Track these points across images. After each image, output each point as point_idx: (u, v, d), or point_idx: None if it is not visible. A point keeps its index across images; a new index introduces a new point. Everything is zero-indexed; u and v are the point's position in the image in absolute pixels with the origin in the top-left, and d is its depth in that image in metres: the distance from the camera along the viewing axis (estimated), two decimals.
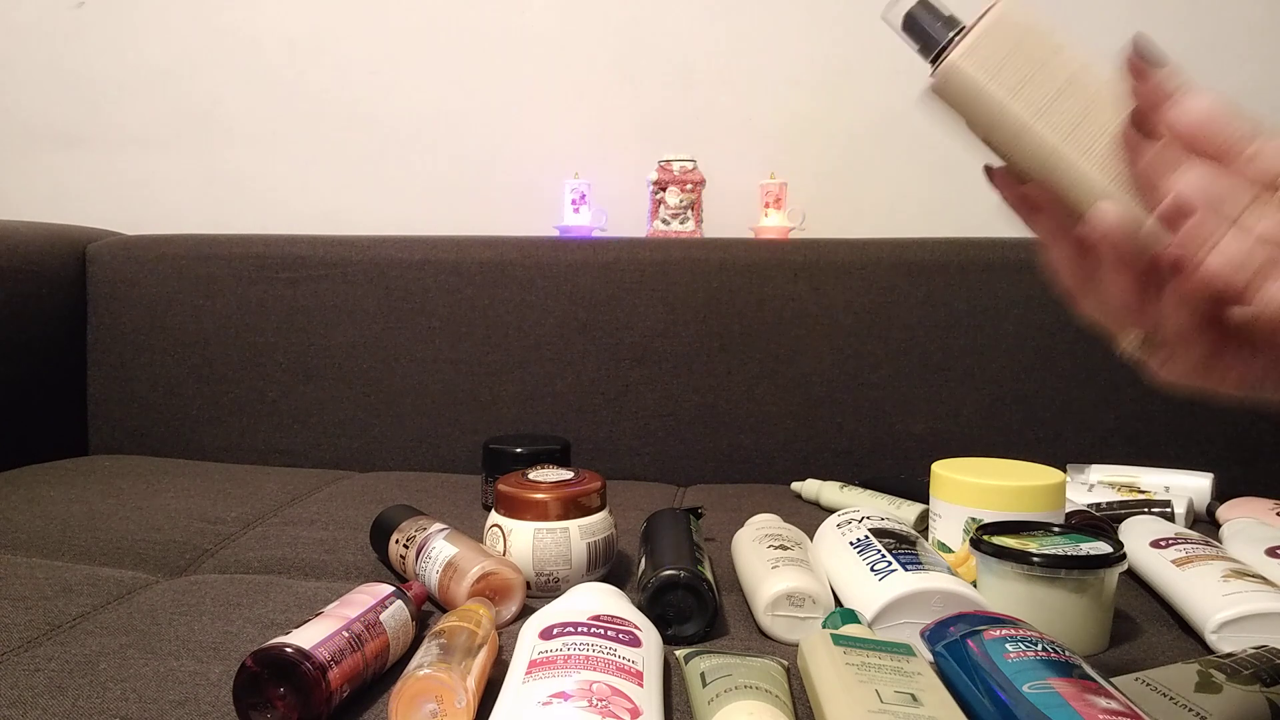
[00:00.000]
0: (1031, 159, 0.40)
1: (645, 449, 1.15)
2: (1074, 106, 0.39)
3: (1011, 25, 0.40)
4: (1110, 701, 0.41)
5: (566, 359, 1.15)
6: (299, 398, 1.19)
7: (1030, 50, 0.40)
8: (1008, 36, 0.40)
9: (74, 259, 1.24)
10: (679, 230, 1.27)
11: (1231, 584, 0.61)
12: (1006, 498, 0.68)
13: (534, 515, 0.67)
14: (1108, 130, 0.39)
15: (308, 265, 1.20)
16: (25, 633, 0.59)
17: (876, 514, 0.72)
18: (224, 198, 1.50)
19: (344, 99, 1.46)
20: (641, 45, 1.40)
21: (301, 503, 0.94)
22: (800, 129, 1.38)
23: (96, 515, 0.86)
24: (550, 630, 0.50)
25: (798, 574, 0.61)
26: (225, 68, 1.48)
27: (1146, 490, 0.94)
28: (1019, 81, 0.40)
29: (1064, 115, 0.39)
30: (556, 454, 0.92)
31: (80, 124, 1.52)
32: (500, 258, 1.17)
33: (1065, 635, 0.55)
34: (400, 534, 0.72)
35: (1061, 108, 0.39)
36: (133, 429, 1.22)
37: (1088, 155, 0.39)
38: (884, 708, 0.43)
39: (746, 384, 1.13)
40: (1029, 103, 0.40)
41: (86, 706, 0.49)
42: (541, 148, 1.43)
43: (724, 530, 0.79)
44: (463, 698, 0.46)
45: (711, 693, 0.46)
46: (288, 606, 0.65)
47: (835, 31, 1.37)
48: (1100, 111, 0.39)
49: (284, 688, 0.46)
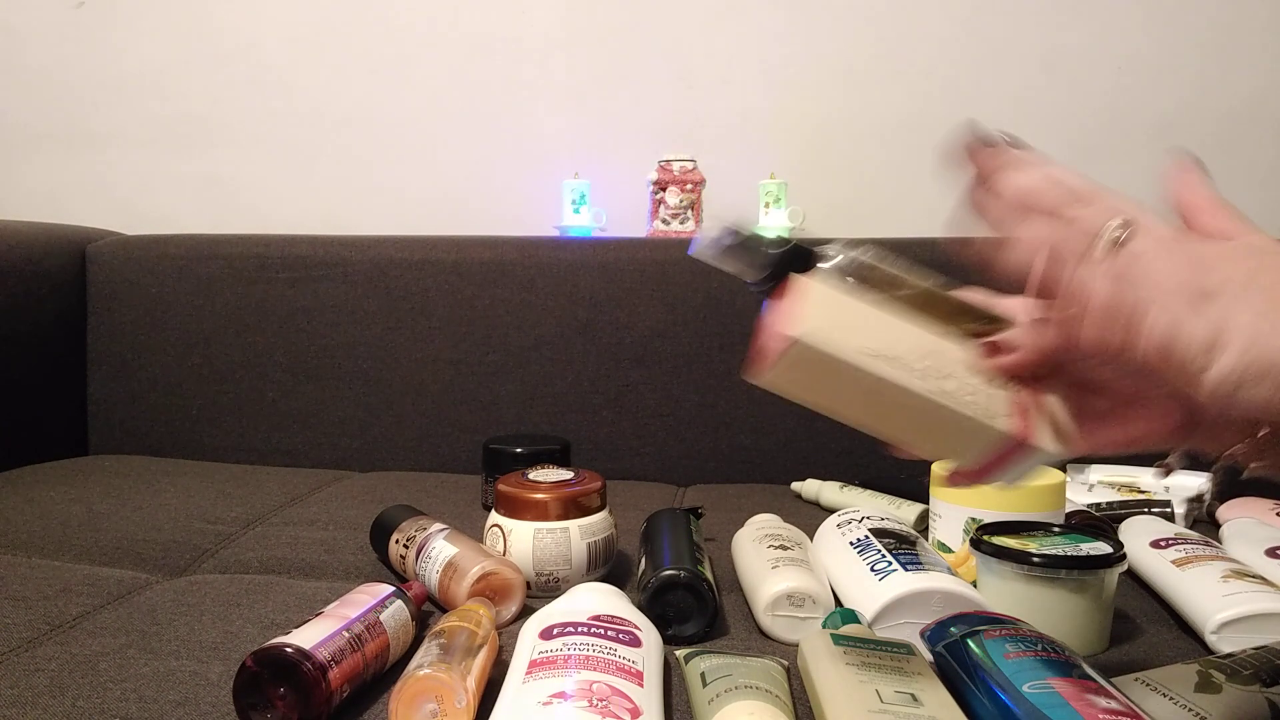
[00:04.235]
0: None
1: (645, 449, 1.15)
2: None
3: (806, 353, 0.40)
4: (1110, 701, 0.41)
5: (566, 359, 1.15)
6: (299, 398, 1.19)
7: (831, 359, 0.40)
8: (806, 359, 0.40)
9: (74, 259, 1.24)
10: (679, 230, 1.27)
11: (1231, 584, 0.61)
12: (1006, 498, 0.68)
13: (534, 515, 0.67)
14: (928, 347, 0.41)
15: (308, 265, 1.20)
16: (25, 633, 0.59)
17: (876, 514, 0.72)
18: (224, 198, 1.50)
19: (343, 99, 1.46)
20: (641, 45, 1.40)
21: (301, 503, 0.94)
22: (800, 129, 1.38)
23: (96, 515, 0.86)
24: (550, 630, 0.50)
25: (798, 574, 0.61)
26: (224, 68, 1.48)
27: (1146, 490, 0.94)
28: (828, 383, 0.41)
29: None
30: (556, 454, 0.92)
31: (80, 124, 1.52)
32: (500, 258, 1.17)
33: (1065, 635, 0.55)
34: (400, 534, 0.72)
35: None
36: (133, 429, 1.22)
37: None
38: (884, 708, 0.43)
39: (746, 384, 1.13)
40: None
41: (86, 706, 0.49)
42: (541, 148, 1.43)
43: (724, 530, 0.79)
44: (463, 698, 0.46)
45: (711, 693, 0.46)
46: (288, 606, 0.64)
47: (835, 32, 1.37)
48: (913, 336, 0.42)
49: (284, 688, 0.46)
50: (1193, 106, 1.32)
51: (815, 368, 0.40)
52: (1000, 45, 1.34)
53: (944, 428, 0.40)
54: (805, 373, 0.41)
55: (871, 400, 0.41)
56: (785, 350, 0.40)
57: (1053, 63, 1.33)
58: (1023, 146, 0.41)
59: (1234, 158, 1.31)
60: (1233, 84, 1.31)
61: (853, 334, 0.40)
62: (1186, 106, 1.32)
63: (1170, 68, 1.32)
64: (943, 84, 1.36)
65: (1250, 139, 1.31)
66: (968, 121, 0.42)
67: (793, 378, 0.41)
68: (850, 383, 0.40)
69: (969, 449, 0.41)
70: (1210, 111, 1.31)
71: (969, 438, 0.40)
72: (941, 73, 1.35)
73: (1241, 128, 1.31)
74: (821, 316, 0.41)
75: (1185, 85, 1.32)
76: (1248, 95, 1.31)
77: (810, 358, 0.40)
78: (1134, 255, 0.35)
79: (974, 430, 0.40)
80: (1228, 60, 1.31)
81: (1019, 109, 1.34)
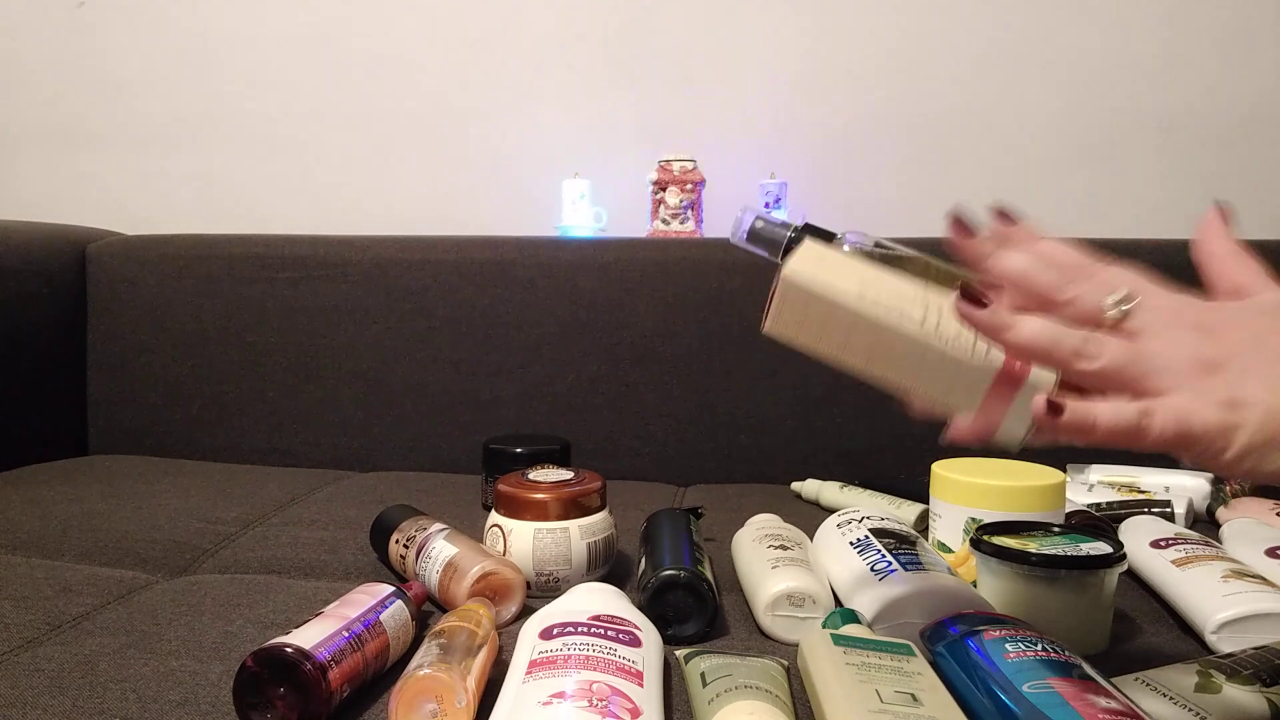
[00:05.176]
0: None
1: (645, 449, 1.15)
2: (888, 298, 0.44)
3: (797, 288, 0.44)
4: (1110, 701, 0.41)
5: (566, 359, 1.15)
6: (299, 398, 1.19)
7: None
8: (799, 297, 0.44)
9: (74, 259, 1.24)
10: (679, 230, 1.27)
11: (1231, 584, 0.61)
12: (1006, 498, 0.68)
13: (534, 515, 0.67)
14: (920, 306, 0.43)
15: (308, 265, 1.20)
16: (25, 633, 0.59)
17: (876, 514, 0.72)
18: (224, 198, 1.50)
19: (343, 99, 1.46)
20: (641, 45, 1.40)
21: (301, 503, 0.94)
22: (800, 129, 1.38)
23: (96, 515, 0.86)
24: (550, 630, 0.50)
25: (798, 574, 0.61)
26: (225, 68, 1.48)
27: (1146, 490, 0.94)
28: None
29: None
30: (556, 454, 0.92)
31: (81, 124, 1.52)
32: (500, 258, 1.17)
33: (1065, 635, 0.55)
34: (400, 534, 0.72)
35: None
36: (133, 429, 1.22)
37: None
38: (884, 708, 0.43)
39: (746, 384, 1.13)
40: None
41: (86, 706, 0.49)
42: (541, 148, 1.43)
43: (724, 530, 0.79)
44: (463, 697, 0.46)
45: (711, 693, 0.46)
46: (288, 606, 0.64)
47: (835, 32, 1.37)
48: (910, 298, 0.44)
49: (284, 688, 0.46)
50: (1198, 107, 1.32)
51: (810, 310, 0.44)
52: (1000, 45, 1.34)
53: (935, 367, 0.42)
54: (802, 315, 0.44)
55: (865, 343, 0.43)
56: (776, 290, 0.43)
57: (1056, 62, 1.33)
58: (1015, 219, 0.40)
59: (1239, 159, 1.31)
60: (1240, 85, 1.31)
61: (843, 278, 0.44)
62: (1191, 107, 1.32)
63: (1175, 69, 1.32)
64: (944, 84, 1.35)
65: (1258, 140, 1.31)
66: (954, 208, 0.41)
67: (791, 320, 0.44)
68: (843, 325, 0.43)
69: (963, 390, 0.42)
70: (1216, 113, 1.31)
71: (961, 376, 0.41)
72: (942, 72, 1.35)
73: (1247, 129, 1.31)
74: (813, 263, 0.45)
75: (1190, 86, 1.31)
76: (1255, 97, 1.30)
77: (801, 299, 0.44)
78: (1135, 332, 0.35)
79: (964, 368, 0.41)
80: (1234, 61, 1.31)
81: (1019, 109, 1.34)
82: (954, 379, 0.42)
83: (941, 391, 0.43)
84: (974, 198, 1.24)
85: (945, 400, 0.43)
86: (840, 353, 0.44)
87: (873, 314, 0.42)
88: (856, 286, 0.43)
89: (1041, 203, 1.33)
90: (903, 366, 0.43)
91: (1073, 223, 1.33)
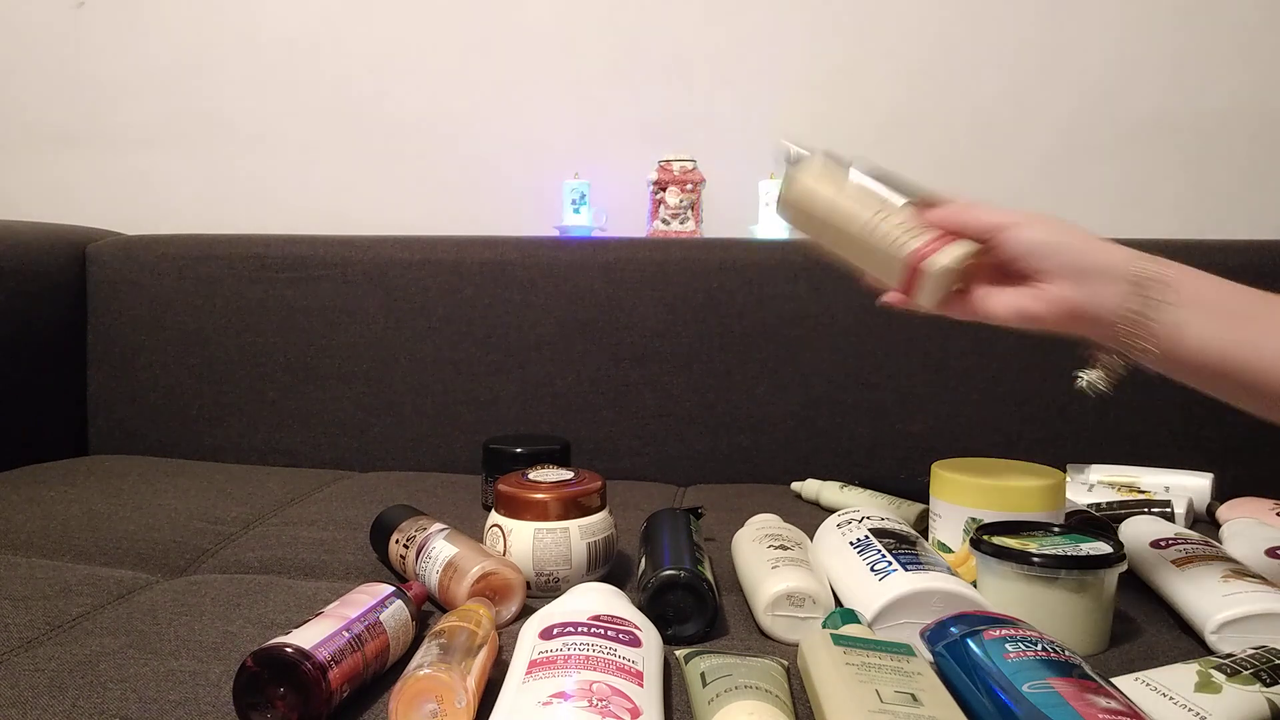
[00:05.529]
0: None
1: (645, 449, 1.15)
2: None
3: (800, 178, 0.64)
4: (1110, 701, 0.41)
5: (566, 359, 1.15)
6: (299, 398, 1.19)
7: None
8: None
9: (74, 259, 1.24)
10: (679, 230, 1.27)
11: (1231, 584, 0.61)
12: (1006, 498, 0.68)
13: (534, 515, 0.67)
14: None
15: (308, 265, 1.20)
16: (25, 633, 0.59)
17: (876, 514, 0.72)
18: (224, 198, 1.50)
19: (344, 99, 1.46)
20: (642, 45, 1.40)
21: (301, 503, 0.94)
22: (800, 129, 1.38)
23: (96, 515, 0.86)
24: (550, 630, 0.50)
25: (798, 574, 0.61)
26: (225, 67, 1.48)
27: (1146, 490, 0.94)
28: None
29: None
30: (556, 454, 0.92)
31: (80, 124, 1.52)
32: (500, 258, 1.17)
33: (1065, 635, 0.55)
34: (400, 534, 0.72)
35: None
36: (133, 429, 1.22)
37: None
38: (884, 708, 0.43)
39: (746, 384, 1.13)
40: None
41: (86, 706, 0.49)
42: (541, 148, 1.43)
43: (724, 530, 0.79)
44: (463, 697, 0.46)
45: (711, 693, 0.46)
46: (288, 606, 0.65)
47: (835, 32, 1.37)
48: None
49: (284, 688, 0.46)
50: (1180, 106, 1.32)
51: (800, 204, 0.63)
52: (1000, 45, 1.34)
53: (871, 255, 0.61)
54: (795, 207, 0.64)
55: (831, 234, 0.63)
56: (784, 178, 0.64)
57: (1053, 61, 1.33)
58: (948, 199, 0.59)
59: (1219, 158, 1.31)
60: (1218, 85, 1.31)
61: (827, 186, 0.62)
62: (1174, 106, 1.32)
63: (1158, 68, 1.32)
64: (942, 83, 1.36)
65: (1236, 139, 1.31)
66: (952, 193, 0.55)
67: (789, 208, 0.64)
68: (818, 218, 0.62)
69: (890, 272, 0.60)
70: (1195, 112, 1.31)
71: (889, 262, 0.60)
72: (941, 72, 1.35)
73: (1226, 128, 1.31)
74: (813, 173, 0.63)
75: (1174, 85, 1.31)
76: (1230, 96, 1.30)
77: (795, 194, 0.63)
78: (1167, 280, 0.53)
79: (889, 257, 0.60)
80: (1213, 61, 1.31)
81: (1017, 107, 1.34)
82: (885, 264, 0.60)
83: (878, 272, 0.62)
84: (973, 198, 1.23)
85: (882, 278, 0.62)
86: (818, 238, 0.64)
87: (835, 213, 0.61)
88: (834, 193, 0.62)
89: (1051, 204, 1.33)
90: (851, 252, 0.62)
91: (1088, 224, 1.32)
